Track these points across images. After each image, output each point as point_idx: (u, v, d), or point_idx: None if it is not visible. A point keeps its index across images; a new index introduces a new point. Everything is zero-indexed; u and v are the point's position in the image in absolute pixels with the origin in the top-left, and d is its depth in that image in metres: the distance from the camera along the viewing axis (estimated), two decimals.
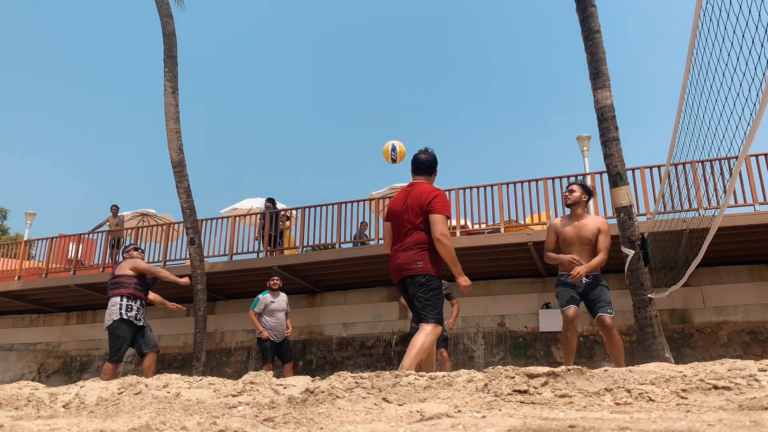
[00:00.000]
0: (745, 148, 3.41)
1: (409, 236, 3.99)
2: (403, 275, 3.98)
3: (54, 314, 14.30)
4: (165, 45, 11.26)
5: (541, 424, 1.49)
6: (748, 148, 3.43)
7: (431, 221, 3.93)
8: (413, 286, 3.95)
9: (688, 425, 1.44)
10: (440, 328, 3.89)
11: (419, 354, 3.70)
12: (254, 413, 1.98)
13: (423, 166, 4.18)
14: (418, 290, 3.92)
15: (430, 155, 4.21)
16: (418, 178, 4.19)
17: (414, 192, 4.08)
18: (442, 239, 3.88)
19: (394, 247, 4.11)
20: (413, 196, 4.05)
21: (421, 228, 3.97)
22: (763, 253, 9.65)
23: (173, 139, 10.85)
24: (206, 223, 12.21)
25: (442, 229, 3.90)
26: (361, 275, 11.39)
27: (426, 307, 3.89)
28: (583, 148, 12.61)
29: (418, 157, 4.20)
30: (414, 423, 1.74)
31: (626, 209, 7.12)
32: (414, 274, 3.93)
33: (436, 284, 3.95)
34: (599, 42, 7.52)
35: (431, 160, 4.20)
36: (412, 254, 3.95)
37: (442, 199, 3.99)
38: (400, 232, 4.06)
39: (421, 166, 4.19)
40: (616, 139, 7.29)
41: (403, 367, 3.64)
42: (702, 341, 9.72)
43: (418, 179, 4.19)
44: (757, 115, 3.05)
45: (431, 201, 3.96)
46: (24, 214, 16.99)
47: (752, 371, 2.15)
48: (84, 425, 1.88)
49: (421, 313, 3.90)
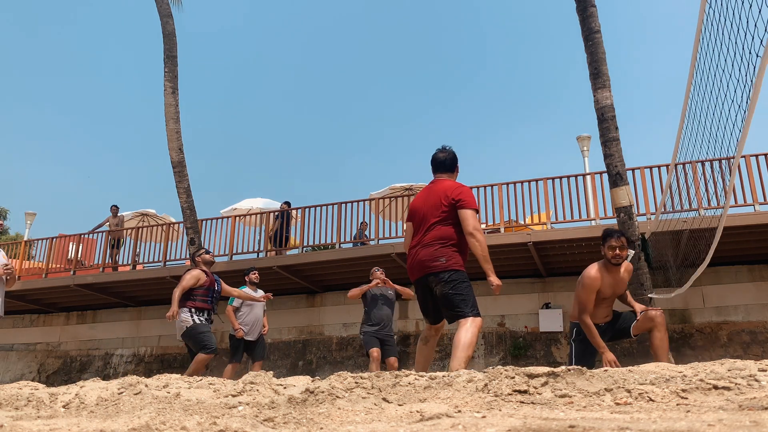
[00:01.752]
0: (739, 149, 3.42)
1: (431, 231, 3.85)
2: (426, 272, 3.82)
3: (54, 314, 14.30)
4: (165, 45, 11.26)
5: (541, 424, 1.49)
6: (741, 149, 3.43)
7: (461, 217, 3.79)
8: (438, 285, 3.78)
9: (688, 425, 1.44)
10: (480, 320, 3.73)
11: (466, 351, 3.55)
12: (254, 413, 1.98)
13: (443, 165, 4.09)
14: (445, 288, 3.75)
15: (449, 152, 4.12)
16: (440, 176, 4.09)
17: (437, 188, 3.98)
18: (475, 233, 3.74)
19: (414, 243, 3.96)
20: (436, 192, 3.95)
21: (445, 223, 3.84)
22: (763, 253, 9.64)
23: (173, 139, 10.86)
24: (206, 223, 12.21)
25: (474, 224, 3.76)
26: (361, 275, 11.37)
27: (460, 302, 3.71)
28: (583, 148, 12.61)
29: (437, 156, 4.11)
30: (414, 423, 1.74)
31: (626, 209, 7.12)
32: (438, 272, 3.77)
33: (462, 277, 3.78)
34: (599, 42, 7.52)
35: (451, 157, 4.10)
36: (433, 250, 3.80)
37: (468, 194, 3.87)
38: (421, 229, 3.92)
39: (441, 165, 4.09)
40: (616, 139, 7.30)
41: (453, 369, 3.50)
42: (702, 341, 9.72)
43: (440, 177, 4.09)
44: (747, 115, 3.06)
45: (458, 196, 3.83)
46: (24, 214, 17.00)
47: (752, 371, 2.14)
48: (84, 425, 1.88)
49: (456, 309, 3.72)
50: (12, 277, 5.58)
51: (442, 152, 4.12)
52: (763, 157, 9.08)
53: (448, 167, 4.10)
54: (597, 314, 4.50)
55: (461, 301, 3.71)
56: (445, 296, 3.76)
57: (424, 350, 4.04)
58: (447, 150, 4.14)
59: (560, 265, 10.52)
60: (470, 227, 3.75)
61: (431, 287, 3.85)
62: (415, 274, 3.92)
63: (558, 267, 10.64)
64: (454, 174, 4.13)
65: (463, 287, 3.75)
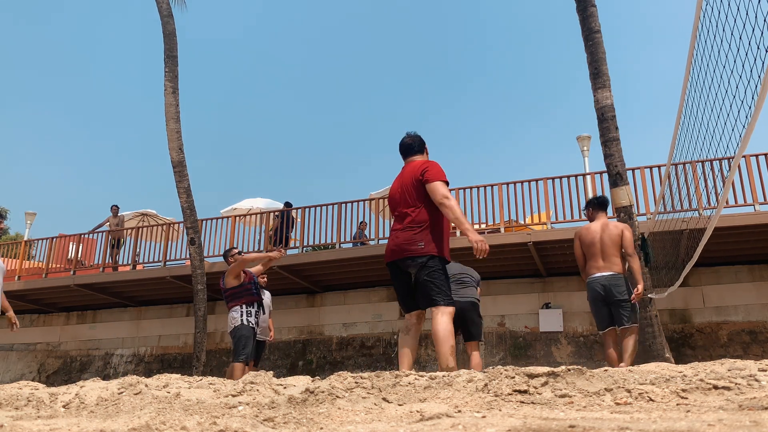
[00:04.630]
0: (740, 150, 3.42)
1: (409, 216, 3.80)
2: (403, 256, 3.76)
3: (54, 314, 14.30)
4: (165, 45, 11.26)
5: (541, 424, 1.49)
6: (744, 149, 3.43)
7: (429, 190, 3.75)
8: (415, 269, 3.72)
9: (688, 425, 1.44)
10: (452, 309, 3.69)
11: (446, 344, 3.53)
12: (254, 413, 1.98)
13: (412, 148, 4.07)
14: (421, 274, 3.70)
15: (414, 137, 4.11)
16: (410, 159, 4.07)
17: (406, 170, 3.97)
18: (444, 201, 3.70)
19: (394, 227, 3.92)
20: (406, 174, 3.93)
21: (420, 205, 3.79)
22: (763, 253, 9.64)
23: (173, 139, 10.85)
24: (206, 223, 12.22)
25: (443, 192, 3.72)
26: (361, 275, 11.40)
27: (432, 289, 3.66)
28: (583, 148, 12.61)
29: (404, 142, 4.10)
30: (414, 423, 1.74)
31: (626, 209, 7.12)
32: (414, 256, 3.71)
33: (438, 265, 3.72)
34: (599, 42, 7.52)
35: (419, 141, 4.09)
36: (411, 234, 3.75)
37: (433, 167, 3.82)
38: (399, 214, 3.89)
39: (410, 149, 4.08)
40: (616, 139, 7.29)
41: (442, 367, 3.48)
42: (702, 341, 9.72)
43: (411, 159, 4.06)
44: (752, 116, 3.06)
45: (423, 172, 3.79)
46: (24, 214, 16.99)
47: (752, 371, 2.15)
48: (84, 425, 1.88)
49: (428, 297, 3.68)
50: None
51: (408, 137, 4.11)
52: (763, 157, 9.08)
53: (417, 149, 4.08)
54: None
55: (433, 289, 3.68)
56: (420, 282, 3.72)
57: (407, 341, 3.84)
58: (412, 135, 4.13)
59: (560, 265, 10.52)
60: (438, 197, 3.72)
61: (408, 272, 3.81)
62: (392, 257, 3.86)
63: (558, 267, 10.64)
64: (424, 155, 4.10)
65: (437, 275, 3.71)
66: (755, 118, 3.03)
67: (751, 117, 3.09)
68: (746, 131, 3.23)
